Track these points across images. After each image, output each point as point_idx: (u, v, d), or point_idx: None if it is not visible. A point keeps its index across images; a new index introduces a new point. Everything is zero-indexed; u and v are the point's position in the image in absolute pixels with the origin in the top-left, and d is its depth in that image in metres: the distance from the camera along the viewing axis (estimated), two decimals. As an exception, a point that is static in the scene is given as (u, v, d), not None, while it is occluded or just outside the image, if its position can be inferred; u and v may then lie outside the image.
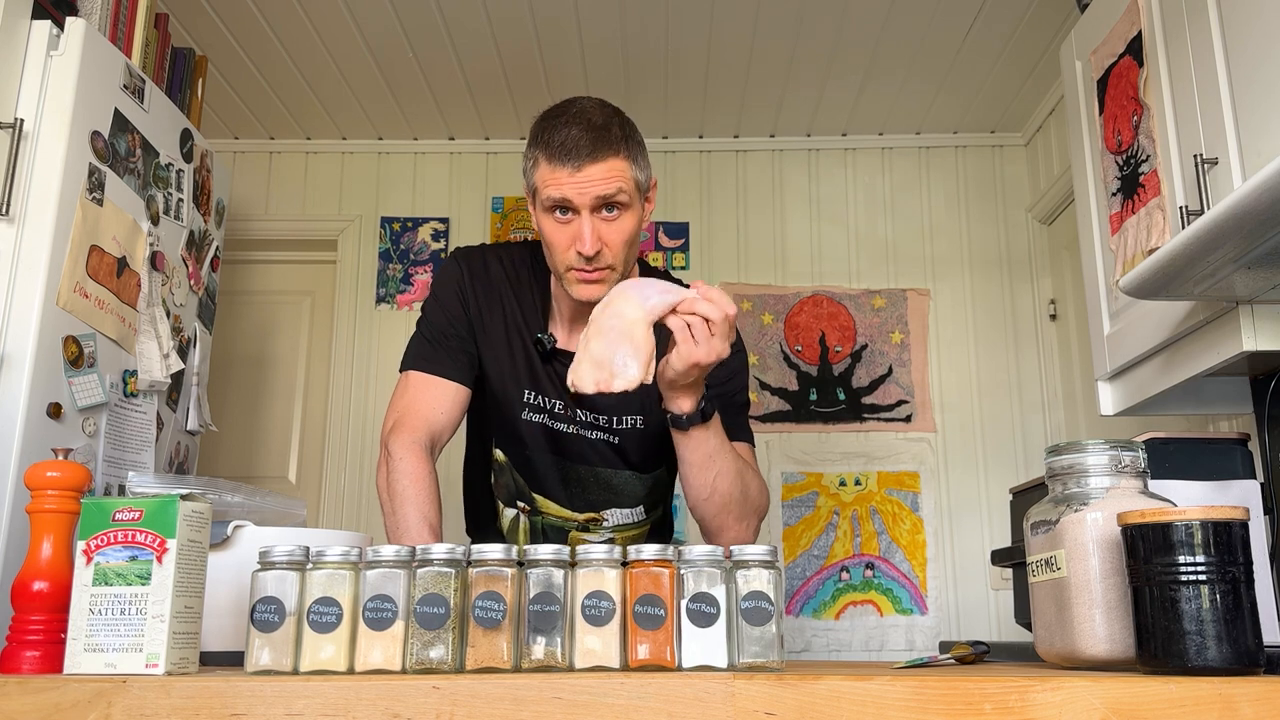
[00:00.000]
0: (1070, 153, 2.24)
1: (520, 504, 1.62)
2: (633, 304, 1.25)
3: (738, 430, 1.53)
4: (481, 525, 1.70)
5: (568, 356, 1.53)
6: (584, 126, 1.41)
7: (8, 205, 1.93)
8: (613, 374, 1.23)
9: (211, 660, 1.05)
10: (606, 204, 1.41)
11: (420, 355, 1.56)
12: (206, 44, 3.06)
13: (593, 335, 1.26)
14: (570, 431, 1.57)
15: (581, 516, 1.61)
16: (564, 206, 1.42)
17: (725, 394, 1.52)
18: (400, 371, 1.58)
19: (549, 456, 1.59)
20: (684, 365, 1.28)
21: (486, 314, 1.57)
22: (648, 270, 1.63)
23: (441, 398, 1.53)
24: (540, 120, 1.47)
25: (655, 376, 1.30)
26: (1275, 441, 1.56)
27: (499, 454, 1.63)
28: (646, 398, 1.44)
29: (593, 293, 1.44)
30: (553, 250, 1.46)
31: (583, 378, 1.25)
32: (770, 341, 3.52)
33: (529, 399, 1.57)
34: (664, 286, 1.27)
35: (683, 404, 1.35)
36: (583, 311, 1.54)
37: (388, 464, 1.48)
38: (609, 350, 1.23)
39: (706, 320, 1.26)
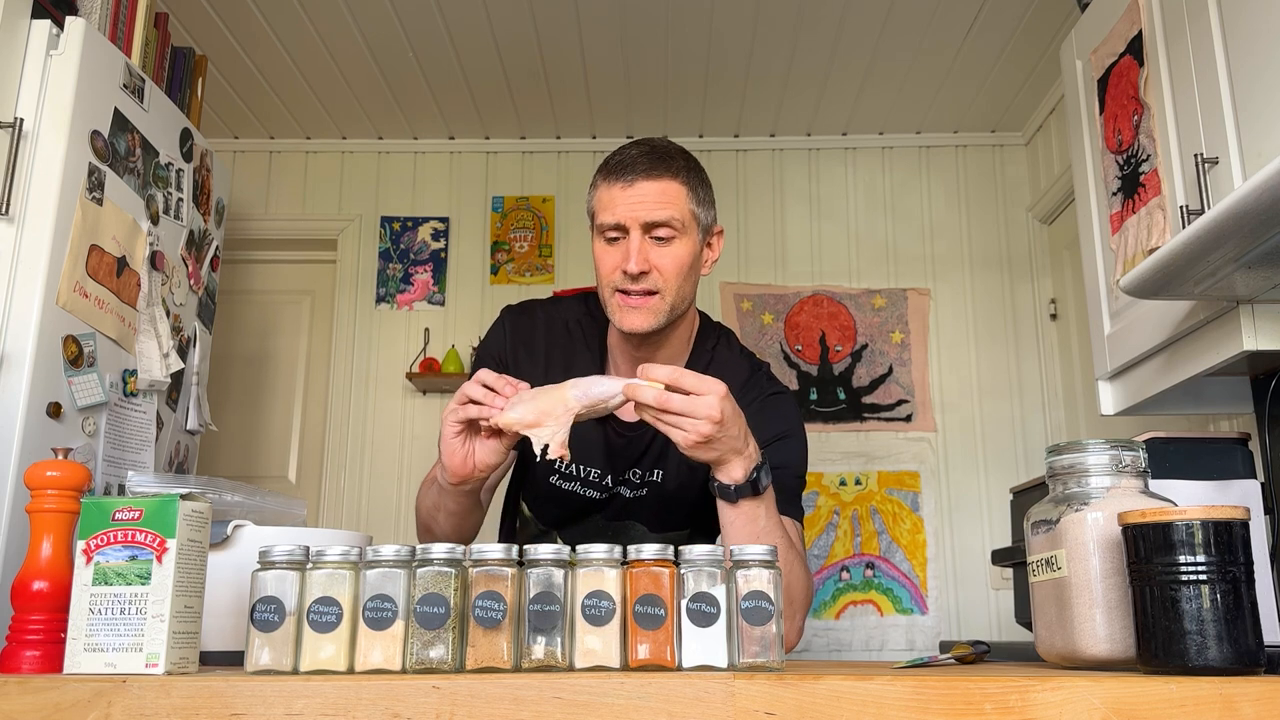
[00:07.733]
0: (1070, 152, 2.24)
1: None
2: (574, 390, 1.18)
3: (785, 505, 1.41)
4: None
5: (618, 423, 1.46)
6: (645, 149, 1.39)
7: (8, 205, 1.93)
8: (540, 428, 1.17)
9: (211, 660, 1.04)
10: (658, 227, 1.36)
11: None
12: (206, 44, 3.06)
13: (540, 392, 1.20)
14: (595, 497, 1.50)
15: None
16: (616, 228, 1.37)
17: (776, 468, 1.41)
18: None
19: (565, 513, 1.53)
20: (686, 447, 1.19)
21: (528, 373, 1.43)
22: (710, 325, 1.55)
23: None
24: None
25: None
26: (1275, 441, 1.55)
27: (524, 509, 1.60)
28: (670, 457, 1.42)
29: (636, 321, 1.37)
30: (600, 274, 1.40)
31: (519, 415, 1.18)
32: (770, 341, 3.52)
33: (558, 464, 1.50)
34: (607, 389, 1.19)
35: (732, 472, 1.22)
36: (641, 361, 1.40)
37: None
38: (541, 411, 1.18)
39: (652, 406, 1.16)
